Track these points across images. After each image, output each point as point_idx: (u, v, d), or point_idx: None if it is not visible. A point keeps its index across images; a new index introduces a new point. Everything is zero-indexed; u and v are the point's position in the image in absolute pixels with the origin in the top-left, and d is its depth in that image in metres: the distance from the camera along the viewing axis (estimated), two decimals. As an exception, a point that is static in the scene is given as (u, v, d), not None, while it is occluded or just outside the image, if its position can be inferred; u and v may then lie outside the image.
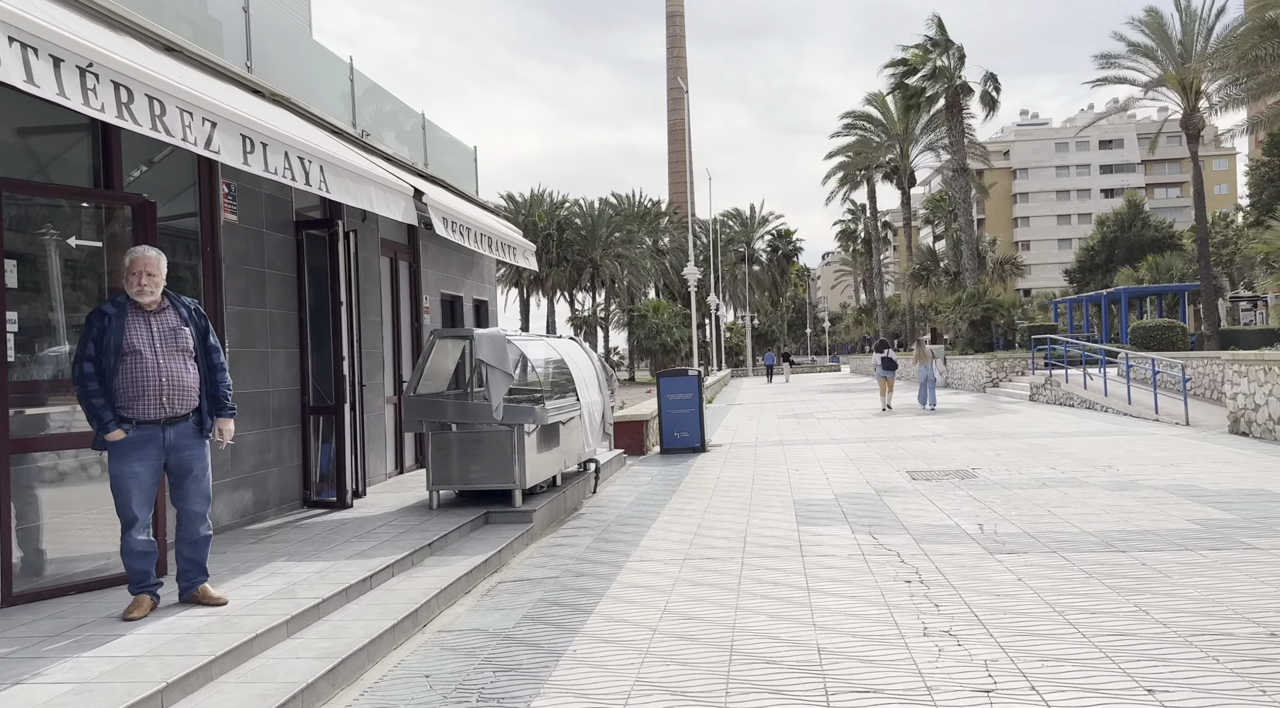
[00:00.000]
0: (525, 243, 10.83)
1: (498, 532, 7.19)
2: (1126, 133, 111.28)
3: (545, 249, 61.62)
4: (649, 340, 56.97)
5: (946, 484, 9.38)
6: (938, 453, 12.10)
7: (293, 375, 8.04)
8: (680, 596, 5.46)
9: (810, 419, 19.44)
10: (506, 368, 7.50)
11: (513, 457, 7.58)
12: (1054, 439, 13.17)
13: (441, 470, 7.69)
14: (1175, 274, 44.14)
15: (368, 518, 7.48)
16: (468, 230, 8.54)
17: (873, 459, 11.78)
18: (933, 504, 8.22)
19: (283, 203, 8.03)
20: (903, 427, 16.31)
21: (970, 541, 6.61)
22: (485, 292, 13.43)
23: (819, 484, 9.82)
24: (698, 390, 13.82)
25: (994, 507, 7.94)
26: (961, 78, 32.34)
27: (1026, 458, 11.17)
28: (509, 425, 7.56)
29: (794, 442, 14.69)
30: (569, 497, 8.84)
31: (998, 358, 27.16)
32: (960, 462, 11.09)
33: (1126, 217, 50.82)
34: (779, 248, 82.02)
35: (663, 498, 9.44)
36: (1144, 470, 9.73)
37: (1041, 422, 16.17)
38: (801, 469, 11.16)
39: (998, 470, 10.21)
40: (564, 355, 8.86)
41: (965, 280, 34.83)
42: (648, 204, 70.78)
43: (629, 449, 13.69)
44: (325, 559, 5.92)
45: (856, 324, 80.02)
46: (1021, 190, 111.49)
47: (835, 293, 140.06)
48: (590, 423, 9.23)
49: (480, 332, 7.61)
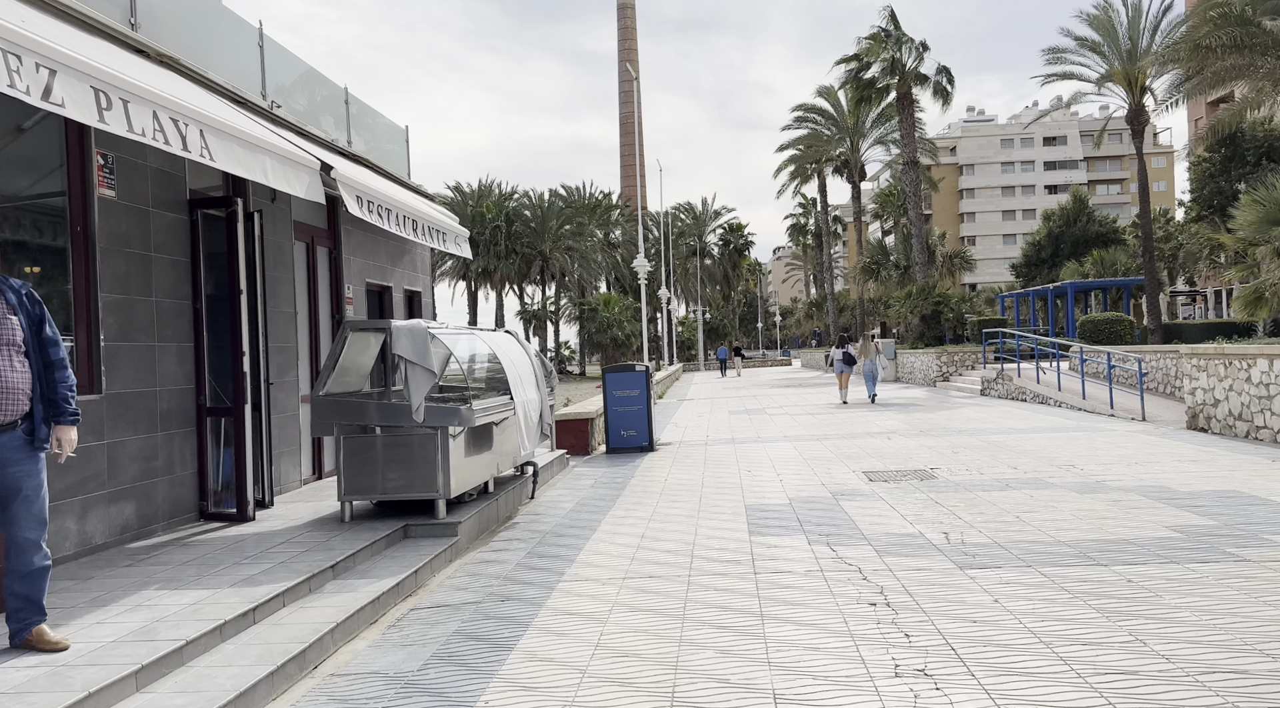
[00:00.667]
0: (458, 229, 10.02)
1: (417, 548, 6.42)
2: (1070, 130, 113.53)
3: (494, 241, 60.47)
4: (600, 335, 56.17)
5: (906, 486, 8.83)
6: (894, 451, 11.59)
7: (186, 373, 7.15)
8: (617, 625, 4.76)
9: (762, 415, 18.91)
10: (428, 364, 6.73)
11: (436, 463, 6.81)
12: (1011, 436, 12.77)
13: (355, 479, 6.89)
14: (1119, 269, 44.63)
15: (270, 533, 6.65)
16: (388, 212, 7.72)
17: (827, 458, 11.22)
18: (893, 509, 7.65)
19: (174, 179, 7.13)
20: (856, 423, 15.84)
21: (937, 553, 6.03)
22: (419, 282, 12.58)
23: (772, 487, 9.21)
24: (646, 387, 13.14)
25: (958, 512, 7.39)
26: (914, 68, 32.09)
27: (985, 457, 10.70)
28: (431, 428, 6.79)
29: (746, 440, 14.11)
30: (502, 504, 8.10)
31: (948, 352, 26.98)
32: (918, 461, 10.57)
33: (1071, 212, 51.32)
34: (731, 242, 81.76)
35: (606, 503, 8.74)
36: (1109, 470, 9.30)
37: (996, 417, 15.81)
38: (754, 470, 10.55)
39: (957, 471, 9.70)
40: (496, 350, 8.10)
41: (915, 274, 34.71)
42: (598, 196, 69.91)
43: (573, 449, 12.97)
44: (205, 586, 5.10)
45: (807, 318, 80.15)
46: (968, 186, 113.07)
47: (786, 287, 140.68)
48: (526, 423, 8.48)
49: (399, 323, 6.82)
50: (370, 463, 6.88)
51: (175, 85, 5.91)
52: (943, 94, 32.61)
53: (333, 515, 7.16)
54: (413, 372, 6.71)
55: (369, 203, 7.30)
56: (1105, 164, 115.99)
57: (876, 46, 32.12)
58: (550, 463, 10.72)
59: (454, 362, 7.16)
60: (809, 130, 49.65)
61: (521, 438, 8.36)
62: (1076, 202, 52.51)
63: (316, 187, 6.60)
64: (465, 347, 7.86)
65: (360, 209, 7.10)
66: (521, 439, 8.36)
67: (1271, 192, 15.60)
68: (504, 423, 8.18)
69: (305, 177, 6.45)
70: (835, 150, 49.29)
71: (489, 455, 7.87)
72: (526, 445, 8.56)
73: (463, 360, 7.68)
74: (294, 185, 6.33)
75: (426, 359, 6.73)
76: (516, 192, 65.41)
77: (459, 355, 7.27)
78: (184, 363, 7.13)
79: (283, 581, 5.19)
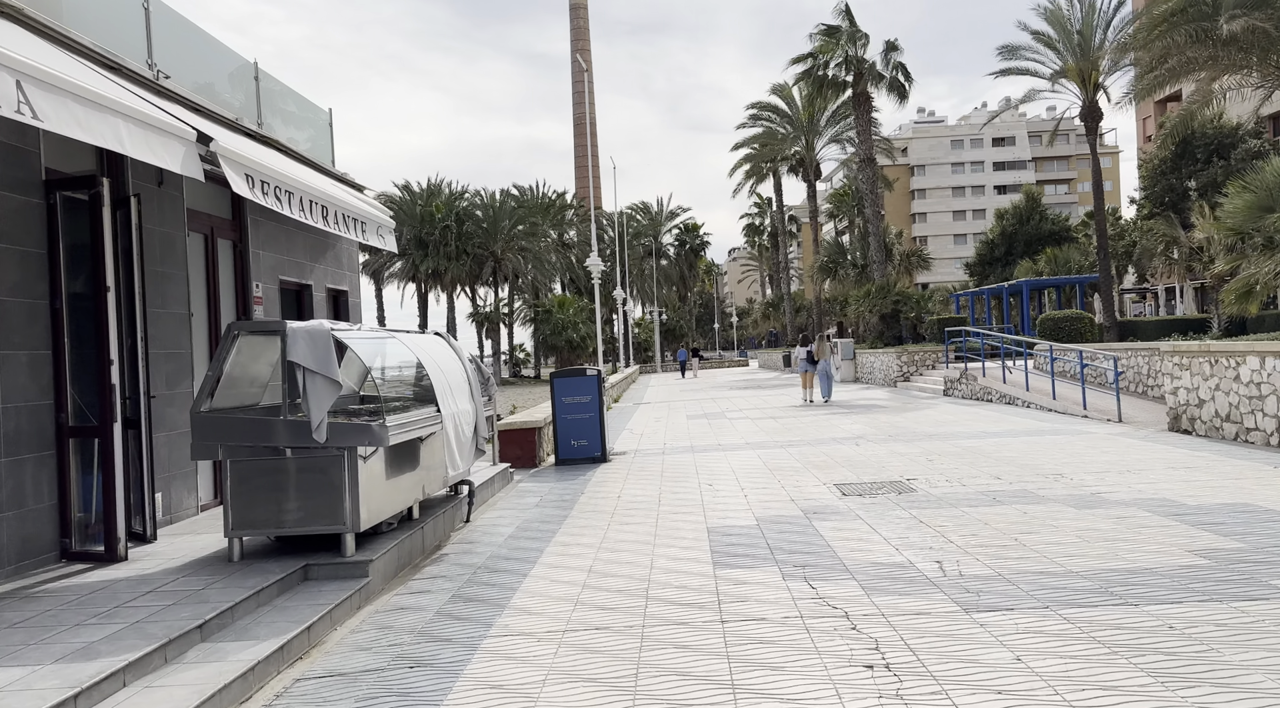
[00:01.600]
0: (381, 218, 8.91)
1: (317, 594, 5.35)
2: (1019, 131, 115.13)
3: (444, 242, 58.97)
4: (554, 337, 55.02)
5: (883, 501, 7.95)
6: (864, 459, 10.74)
7: (41, 386, 5.99)
8: (551, 703, 3.76)
9: (722, 420, 18.02)
10: (331, 373, 5.66)
11: (342, 490, 5.74)
12: (986, 441, 12.01)
13: (246, 511, 5.79)
14: (1073, 266, 44.75)
15: (140, 579, 5.52)
16: (289, 195, 6.62)
17: (794, 468, 10.33)
18: (874, 531, 6.75)
19: (24, 155, 5.97)
20: (821, 427, 15.00)
21: (934, 589, 5.13)
22: (345, 280, 11.43)
23: (737, 504, 8.27)
24: (597, 392, 12.14)
25: (948, 535, 6.51)
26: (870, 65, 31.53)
27: (964, 465, 9.90)
28: (337, 449, 5.72)
29: (706, 447, 13.18)
30: (429, 532, 7.04)
31: (909, 351, 26.39)
32: (892, 471, 9.73)
33: (1024, 210, 51.45)
34: (687, 242, 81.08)
35: (550, 527, 7.73)
36: (1102, 480, 8.53)
37: (965, 419, 15.10)
38: (716, 483, 9.61)
39: (937, 482, 8.87)
40: (422, 356, 7.04)
41: (873, 273, 34.19)
42: (552, 196, 68.69)
43: (518, 462, 11.92)
44: (23, 662, 3.99)
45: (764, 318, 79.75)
46: (919, 187, 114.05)
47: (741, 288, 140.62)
48: (459, 438, 7.44)
49: (296, 325, 5.74)
50: (264, 492, 5.79)
51: (7, 35, 4.79)
52: (899, 90, 32.12)
53: (222, 553, 6.05)
54: (313, 383, 5.64)
55: (263, 184, 6.20)
56: (1053, 164, 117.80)
57: (831, 42, 31.50)
58: (491, 479, 9.67)
59: (367, 372, 6.09)
60: (764, 128, 49.03)
61: (453, 455, 7.31)
62: (1029, 200, 52.69)
63: (193, 161, 5.50)
64: (382, 352, 6.80)
65: (251, 190, 6.00)
66: (453, 456, 7.32)
67: (1260, 176, 15.10)
68: (430, 440, 7.12)
69: (177, 148, 5.35)
70: (790, 149, 48.72)
71: (412, 477, 6.81)
72: (459, 463, 7.51)
73: (378, 368, 6.62)
74: (162, 157, 5.22)
75: (329, 367, 5.67)
76: (468, 191, 63.91)
77: (373, 362, 6.21)
78: (38, 374, 5.97)
79: (129, 650, 4.10)
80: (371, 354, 6.39)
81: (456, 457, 7.43)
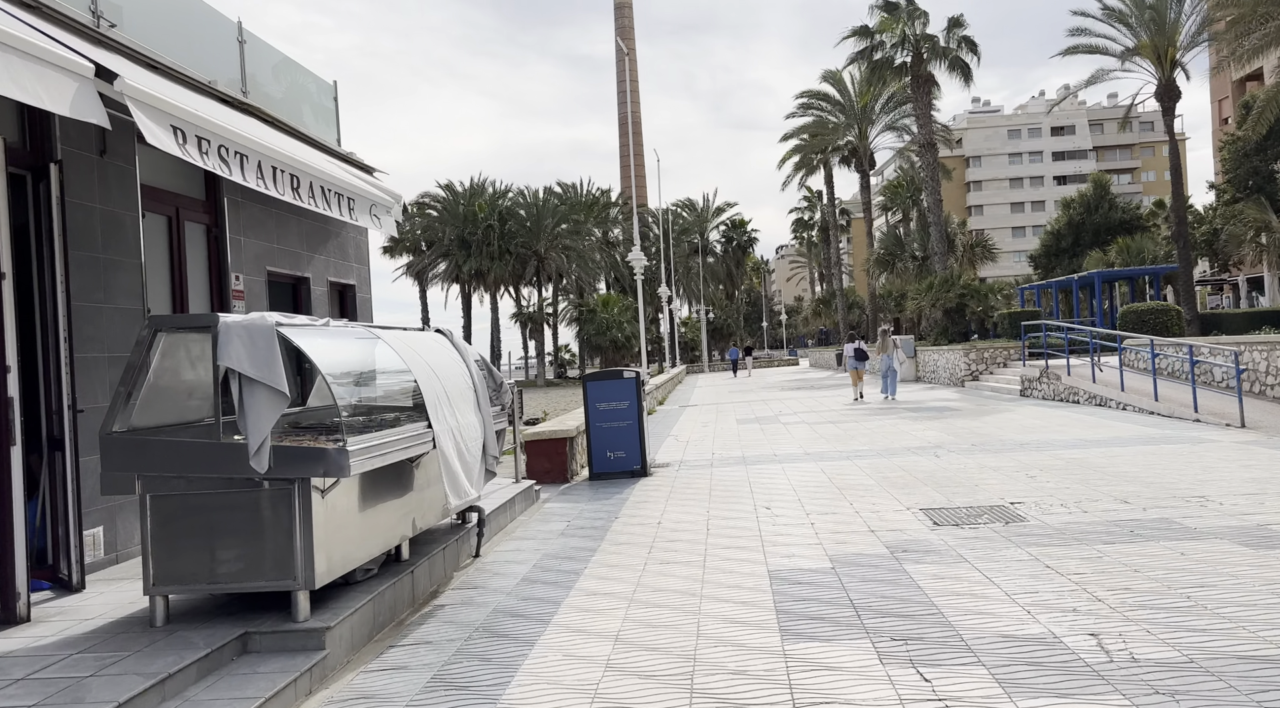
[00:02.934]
0: (375, 195, 7.54)
1: (249, 679, 3.99)
2: (1079, 119, 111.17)
3: (486, 241, 58.09)
4: (599, 337, 53.74)
5: (988, 535, 6.38)
6: (950, 475, 9.14)
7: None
8: None
9: (776, 424, 16.45)
10: (274, 381, 4.30)
11: (291, 534, 4.38)
12: (1091, 452, 10.30)
13: (170, 562, 4.46)
14: (1146, 256, 42.15)
15: (22, 654, 4.22)
16: (242, 158, 5.29)
17: (867, 486, 8.77)
18: (988, 581, 5.20)
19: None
20: (889, 434, 13.37)
21: (1102, 684, 3.59)
22: (352, 273, 10.15)
23: (803, 536, 6.76)
24: (636, 397, 10.70)
25: (1091, 588, 4.94)
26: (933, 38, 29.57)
27: (1075, 483, 8.25)
28: (285, 481, 4.37)
29: (760, 458, 11.65)
30: (422, 577, 5.67)
31: (977, 348, 24.47)
32: (988, 491, 8.12)
33: (1092, 199, 48.76)
34: (734, 239, 79.22)
35: (574, 566, 6.31)
36: (1261, 503, 6.84)
37: (1056, 425, 13.34)
38: (775, 505, 8.10)
39: (1049, 506, 7.25)
40: (410, 359, 5.66)
41: (934, 265, 32.22)
42: (596, 193, 67.46)
43: (548, 476, 10.54)
44: None
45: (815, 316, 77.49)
46: (975, 178, 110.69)
47: (790, 286, 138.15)
48: (463, 457, 6.05)
49: (230, 319, 4.39)
50: (195, 537, 4.45)
51: None
52: (963, 69, 30.11)
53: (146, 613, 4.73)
54: (252, 394, 4.28)
55: (200, 141, 4.87)
56: (1115, 153, 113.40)
57: (890, 20, 29.63)
58: (511, 501, 8.29)
59: (330, 378, 4.72)
60: (814, 117, 47.15)
61: (454, 479, 5.92)
62: (1097, 188, 50.00)
63: (89, 102, 4.18)
64: (354, 354, 5.42)
65: (181, 146, 4.66)
66: (454, 480, 5.92)
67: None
68: (424, 461, 5.75)
69: (64, 85, 4.03)
70: (842, 138, 46.77)
71: (397, 510, 5.44)
72: (464, 488, 6.11)
73: (346, 374, 5.24)
74: (40, 95, 3.91)
75: (273, 373, 4.30)
76: (511, 190, 62.97)
77: (327, 367, 4.84)
78: (-83, 385, 4.71)
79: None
80: (335, 357, 5.01)
81: (461, 480, 6.04)
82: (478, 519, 6.80)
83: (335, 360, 4.92)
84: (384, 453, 4.74)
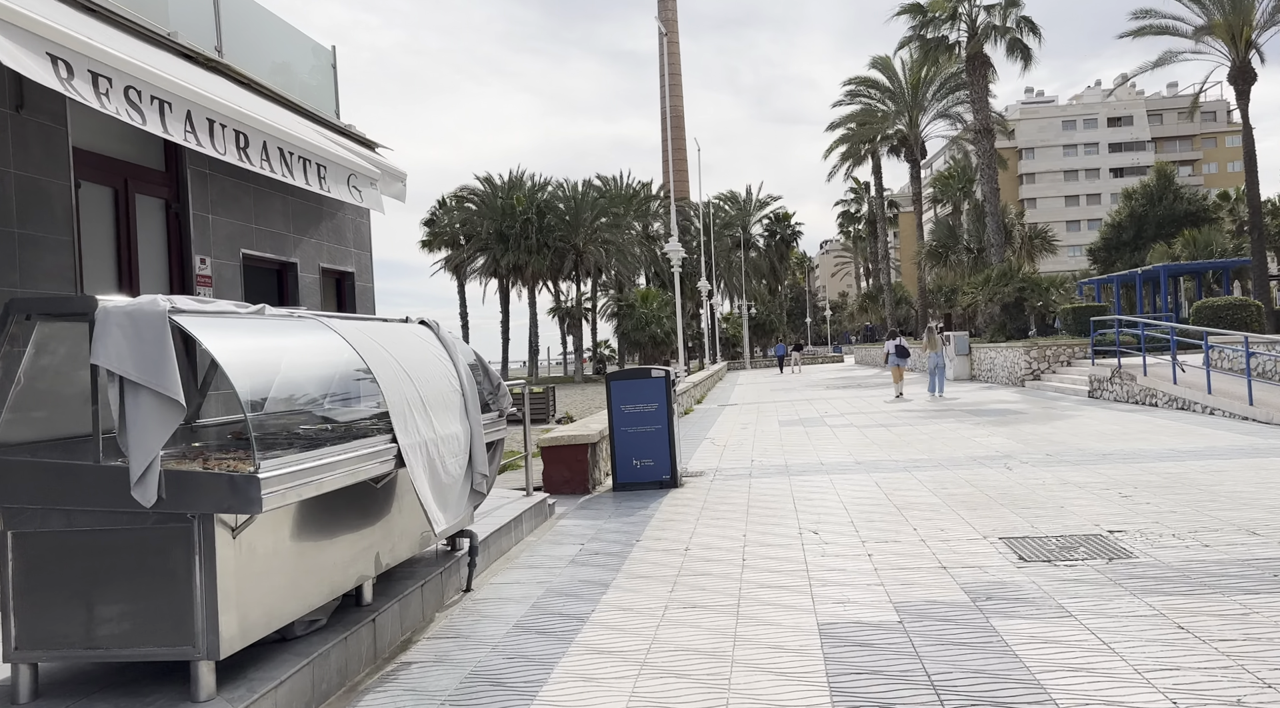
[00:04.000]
0: (358, 165, 6.49)
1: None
2: (1136, 109, 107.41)
3: (524, 235, 57.31)
4: (637, 332, 52.61)
5: (1090, 576, 5.14)
6: (1027, 493, 7.87)
7: None
8: None
9: (820, 427, 15.19)
10: (165, 386, 3.25)
11: (190, 587, 3.33)
12: (1189, 465, 8.93)
13: (39, 620, 3.44)
14: (1214, 250, 39.88)
15: None
16: (167, 106, 4.26)
17: (930, 506, 7.54)
18: (1107, 649, 3.98)
19: None
20: (949, 440, 12.06)
21: None
22: (350, 259, 9.16)
23: (859, 572, 5.58)
24: (665, 399, 9.57)
25: (1249, 663, 3.70)
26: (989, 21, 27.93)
27: (1181, 505, 6.94)
28: (181, 517, 3.32)
29: (804, 468, 10.45)
30: (388, 625, 4.60)
31: (1039, 345, 22.90)
32: (1078, 514, 6.85)
33: (1156, 190, 46.36)
34: (777, 232, 77.53)
35: (580, 609, 5.20)
36: None
37: (1138, 432, 11.92)
38: (823, 528, 6.92)
39: (1159, 537, 5.98)
40: (371, 358, 4.59)
41: (990, 257, 30.55)
42: (636, 186, 66.33)
43: (567, 486, 9.46)
44: None
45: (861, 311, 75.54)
46: (1027, 171, 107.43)
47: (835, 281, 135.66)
48: (437, 476, 4.98)
49: (112, 304, 3.35)
50: (71, 587, 3.43)
51: None
52: (1022, 50, 28.40)
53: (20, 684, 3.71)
54: (136, 403, 3.24)
55: (100, 79, 3.84)
56: (1175, 144, 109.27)
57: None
58: (518, 518, 7.22)
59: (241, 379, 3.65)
60: (862, 106, 45.49)
61: (428, 502, 4.85)
62: (1161, 178, 47.58)
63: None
64: (295, 352, 4.34)
65: (65, 80, 3.64)
66: (428, 504, 4.85)
67: None
68: (390, 483, 4.69)
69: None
70: (891, 127, 45.07)
71: (355, 543, 4.38)
72: (446, 512, 5.04)
73: (276, 376, 4.17)
74: None
75: (162, 376, 3.26)
76: (550, 183, 62.10)
77: (259, 368, 3.78)
78: None
79: None
80: (257, 356, 3.93)
81: (434, 506, 4.96)
82: (469, 547, 5.73)
83: (255, 361, 3.84)
84: (315, 479, 3.66)
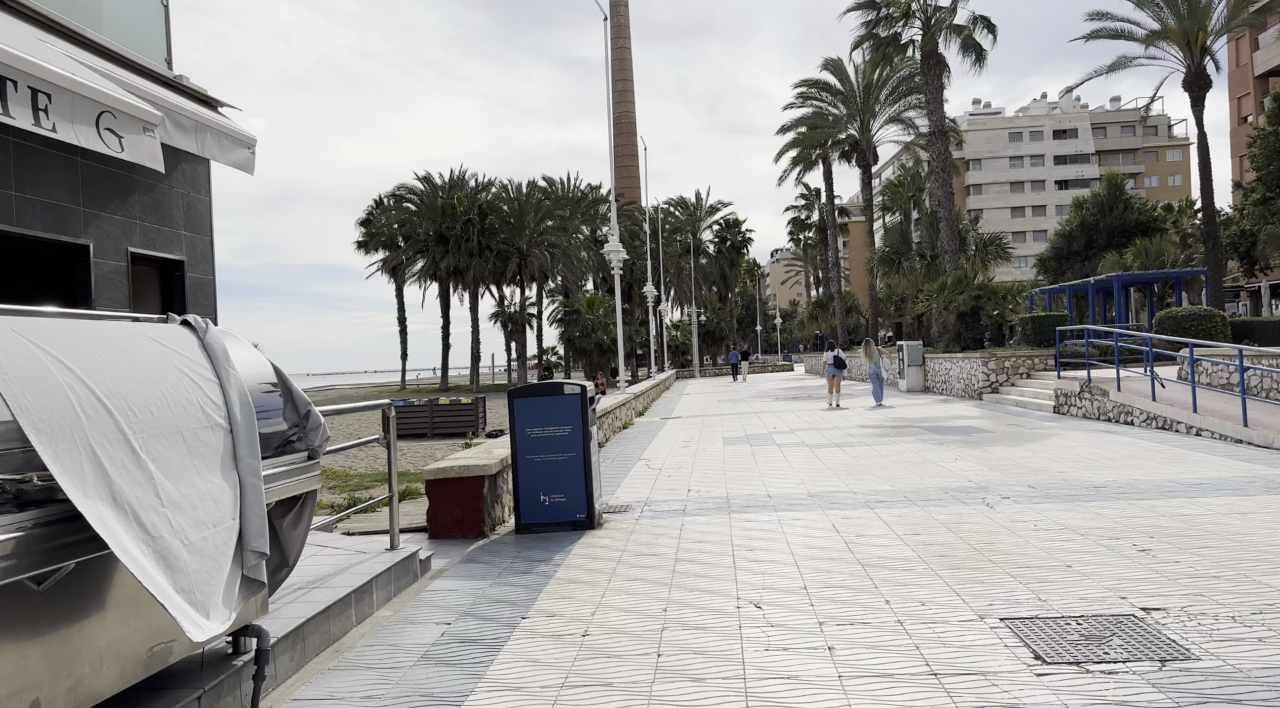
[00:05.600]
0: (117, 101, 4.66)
1: None
2: (1081, 122, 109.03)
3: (465, 237, 55.15)
4: (583, 339, 50.74)
5: (1144, 693, 3.55)
6: (1020, 542, 6.31)
7: None
8: None
9: (769, 446, 13.60)
10: None
11: None
12: (1202, 504, 7.49)
13: None
14: (1165, 260, 39.52)
15: None
16: None
17: (903, 562, 5.93)
18: None
19: None
20: (911, 462, 10.52)
21: None
22: (180, 245, 7.27)
23: (819, 687, 3.91)
24: (581, 421, 7.84)
25: None
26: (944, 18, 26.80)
27: (1223, 567, 5.42)
28: None
29: (747, 502, 8.81)
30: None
31: (997, 356, 21.69)
32: (1092, 577, 5.29)
33: (1106, 199, 46.08)
34: (728, 239, 76.35)
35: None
36: None
37: (1122, 457, 10.53)
38: (768, 603, 5.24)
39: (1214, 621, 4.42)
40: (32, 383, 2.79)
41: (944, 264, 29.45)
42: (585, 189, 64.56)
43: (458, 529, 7.68)
44: None
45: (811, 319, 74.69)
46: (975, 181, 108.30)
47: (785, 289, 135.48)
48: (172, 559, 3.19)
49: None
50: None
51: None
52: (975, 49, 27.35)
53: None
54: None
55: None
56: (1118, 157, 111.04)
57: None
58: (366, 586, 5.42)
59: None
60: (813, 109, 44.41)
61: (168, 595, 3.05)
62: (1111, 187, 47.35)
63: None
64: None
65: None
66: (169, 598, 3.05)
67: None
68: (72, 579, 2.89)
69: None
70: (843, 132, 44.04)
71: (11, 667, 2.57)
72: (192, 614, 3.23)
73: None
74: None
75: None
76: (495, 183, 60.01)
77: None
78: None
79: None
80: None
81: (184, 600, 3.16)
82: (256, 652, 3.93)
83: None
84: None
